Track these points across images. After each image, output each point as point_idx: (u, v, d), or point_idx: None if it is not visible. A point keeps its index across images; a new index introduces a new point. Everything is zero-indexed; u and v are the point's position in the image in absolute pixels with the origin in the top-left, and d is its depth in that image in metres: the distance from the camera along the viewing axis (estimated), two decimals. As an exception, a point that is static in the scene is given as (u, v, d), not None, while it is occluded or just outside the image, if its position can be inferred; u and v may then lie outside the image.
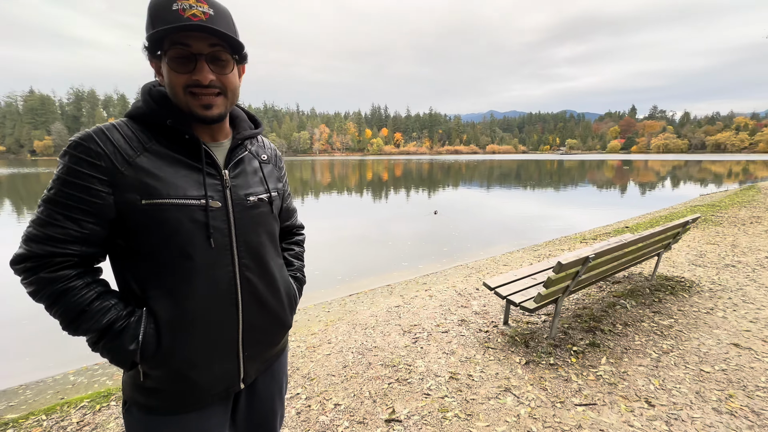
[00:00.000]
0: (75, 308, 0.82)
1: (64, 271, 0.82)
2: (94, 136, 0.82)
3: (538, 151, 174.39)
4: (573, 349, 2.81)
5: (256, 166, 1.06)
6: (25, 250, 0.81)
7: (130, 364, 0.87)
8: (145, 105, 0.89)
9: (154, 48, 0.85)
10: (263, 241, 1.03)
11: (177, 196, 0.86)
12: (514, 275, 3.28)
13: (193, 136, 0.89)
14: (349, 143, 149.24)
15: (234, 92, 0.92)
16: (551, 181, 25.06)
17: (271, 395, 1.16)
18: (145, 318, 0.87)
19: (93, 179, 0.81)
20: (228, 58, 0.88)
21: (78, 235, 0.82)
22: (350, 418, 2.18)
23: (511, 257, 6.28)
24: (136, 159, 0.84)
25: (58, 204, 0.81)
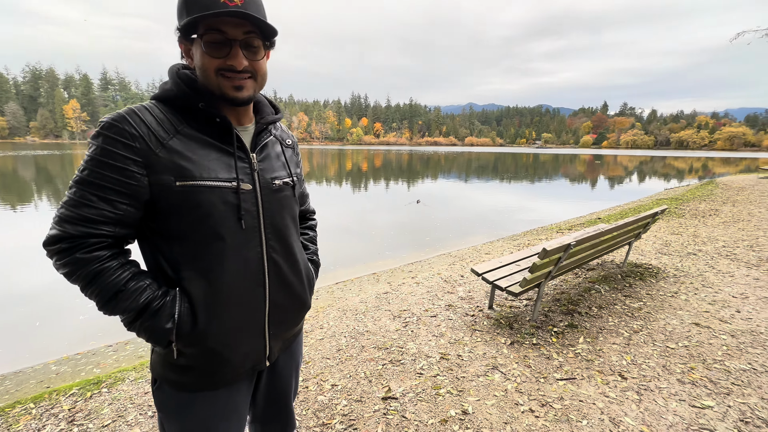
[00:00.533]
0: (112, 288, 0.83)
1: (99, 252, 0.83)
2: (127, 117, 0.83)
3: (515, 144, 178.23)
4: (553, 330, 3.00)
5: (279, 151, 1.08)
6: (59, 231, 0.81)
7: (166, 342, 0.90)
8: (176, 88, 0.90)
9: (189, 32, 0.86)
10: (288, 224, 1.06)
11: (210, 178, 0.88)
12: (499, 262, 3.44)
13: (225, 119, 0.91)
14: (329, 132, 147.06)
15: (263, 77, 0.94)
16: (527, 173, 25.80)
17: (290, 372, 1.21)
18: (179, 298, 0.89)
19: (128, 161, 0.82)
20: (260, 44, 0.90)
21: (113, 216, 0.83)
22: (348, 397, 2.26)
23: (492, 246, 6.50)
24: (169, 141, 0.86)
25: (91, 185, 0.81)
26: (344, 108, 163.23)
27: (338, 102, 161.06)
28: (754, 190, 11.90)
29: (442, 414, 2.09)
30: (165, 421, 1.00)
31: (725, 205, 9.02)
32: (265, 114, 1.07)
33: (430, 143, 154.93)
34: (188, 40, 0.89)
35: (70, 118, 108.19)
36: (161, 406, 0.99)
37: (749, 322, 3.09)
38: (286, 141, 1.15)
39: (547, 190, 16.72)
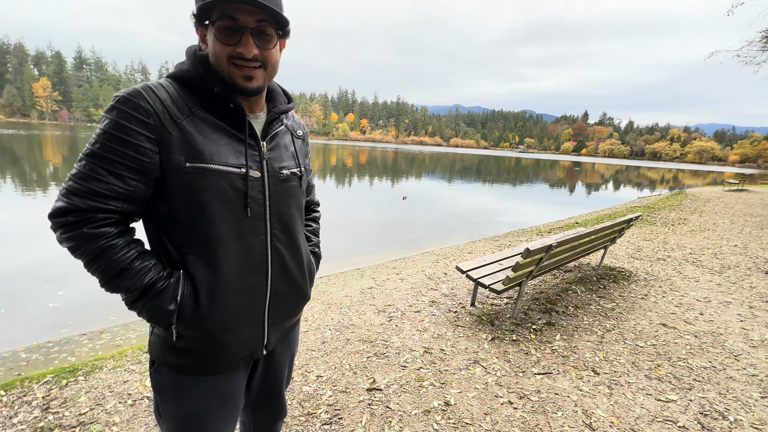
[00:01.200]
0: (117, 266, 0.83)
1: (107, 228, 0.82)
2: (143, 93, 0.82)
3: (498, 147, 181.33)
4: (532, 327, 3.12)
5: (288, 141, 1.09)
6: (67, 204, 0.79)
7: (167, 324, 0.90)
8: (193, 69, 0.89)
9: (203, 17, 0.86)
10: (293, 214, 1.07)
11: (219, 162, 0.88)
12: (483, 261, 3.53)
13: (239, 106, 0.91)
14: (314, 126, 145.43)
15: (274, 67, 0.95)
16: (509, 177, 26.38)
17: (285, 361, 1.22)
18: (183, 280, 0.90)
19: (141, 136, 0.81)
20: (272, 33, 0.90)
21: (122, 191, 0.82)
22: (333, 388, 2.29)
23: (475, 246, 6.64)
24: (182, 121, 0.86)
25: (102, 159, 0.80)
26: (331, 102, 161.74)
27: (325, 96, 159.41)
28: (720, 201, 12.60)
29: (425, 405, 2.15)
30: (161, 403, 1.00)
31: (693, 215, 9.52)
32: (277, 103, 1.07)
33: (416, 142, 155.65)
34: (203, 26, 0.89)
35: (39, 97, 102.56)
36: (158, 389, 0.99)
37: (711, 324, 3.30)
38: (297, 131, 1.15)
39: (528, 194, 17.16)
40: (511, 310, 3.46)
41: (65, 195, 0.80)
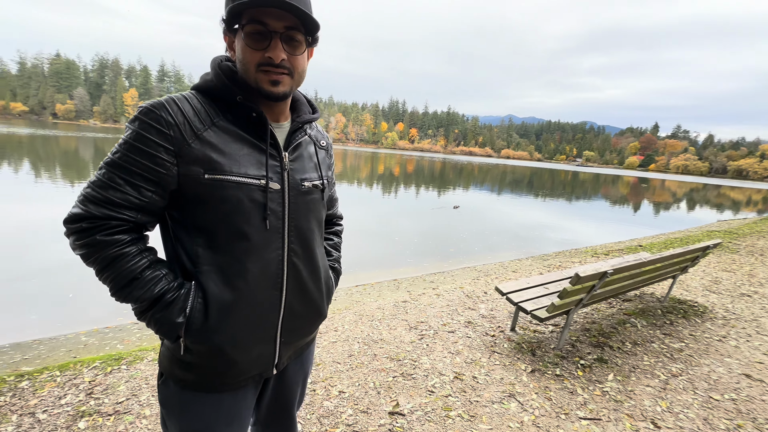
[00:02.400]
0: (128, 275, 0.82)
1: (119, 236, 0.82)
2: (166, 105, 0.82)
3: (553, 160, 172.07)
4: (580, 362, 2.79)
5: (312, 152, 1.05)
6: (82, 210, 0.80)
7: (174, 337, 0.87)
8: (216, 79, 0.88)
9: (232, 22, 0.84)
10: (312, 228, 1.02)
11: (239, 173, 0.86)
12: (526, 282, 3.26)
13: (261, 115, 0.88)
14: (364, 135, 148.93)
15: (301, 74, 0.91)
16: (564, 191, 24.78)
17: (297, 382, 1.16)
18: (194, 292, 0.87)
19: (160, 148, 0.80)
20: (301, 39, 0.87)
21: (137, 202, 0.82)
22: (354, 407, 2.20)
23: (520, 264, 6.23)
24: (203, 132, 0.84)
25: (121, 168, 0.80)
26: (382, 112, 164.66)
27: (376, 106, 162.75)
28: (825, 230, 10.69)
29: (451, 438, 1.98)
30: (166, 417, 0.98)
31: (789, 245, 8.16)
32: (302, 113, 1.03)
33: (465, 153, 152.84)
34: (231, 32, 0.87)
35: (128, 105, 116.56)
36: (164, 402, 0.97)
37: (812, 380, 2.72)
38: (320, 142, 1.11)
39: (585, 210, 15.95)
40: (556, 339, 3.14)
41: (82, 202, 0.81)
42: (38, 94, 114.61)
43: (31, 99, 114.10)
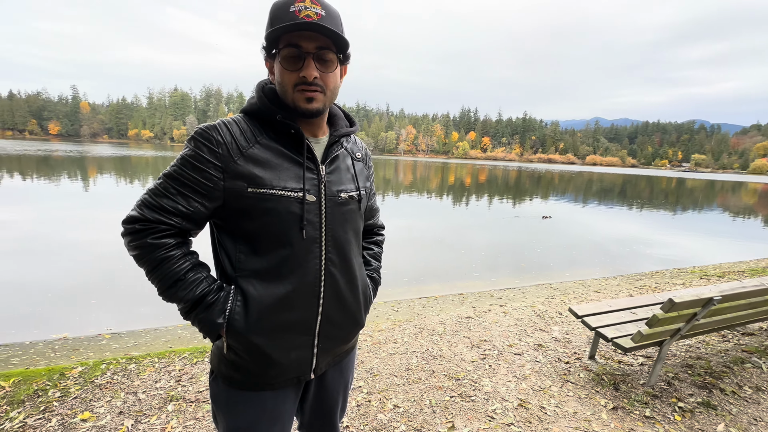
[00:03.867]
0: (173, 276, 0.91)
1: (166, 239, 0.92)
2: (217, 126, 0.93)
3: (651, 165, 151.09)
4: (678, 404, 2.35)
5: (349, 164, 1.09)
6: (138, 213, 0.91)
7: (216, 336, 0.96)
8: (259, 101, 0.97)
9: (271, 47, 0.93)
10: (349, 238, 1.05)
11: (279, 187, 0.92)
12: (608, 305, 2.88)
13: (299, 131, 0.95)
14: (434, 145, 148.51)
15: (333, 91, 0.97)
16: (666, 201, 21.50)
17: (337, 389, 1.18)
18: (233, 295, 0.94)
19: (210, 164, 0.90)
20: (333, 57, 0.92)
21: (183, 210, 0.92)
22: (408, 423, 2.15)
23: (605, 284, 5.54)
24: (248, 150, 0.93)
25: (175, 180, 0.91)
26: (452, 121, 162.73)
27: (447, 116, 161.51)
28: None
29: (511, 472, 1.81)
30: (216, 412, 1.07)
31: None
32: (339, 127, 1.09)
33: (543, 160, 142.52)
34: (271, 57, 0.96)
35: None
36: (214, 398, 1.06)
37: None
38: (356, 154, 1.15)
39: (693, 223, 13.62)
40: (646, 374, 2.70)
41: (139, 206, 0.93)
42: (161, 122, 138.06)
43: (156, 126, 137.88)
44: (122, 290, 4.89)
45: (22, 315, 4.07)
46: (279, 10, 0.89)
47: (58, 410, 2.15)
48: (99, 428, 2.02)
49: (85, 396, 2.30)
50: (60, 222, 8.61)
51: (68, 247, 6.67)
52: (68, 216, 9.30)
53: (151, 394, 2.35)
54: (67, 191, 13.47)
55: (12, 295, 4.55)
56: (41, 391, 2.32)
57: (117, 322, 3.96)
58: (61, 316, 4.12)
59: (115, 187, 15.59)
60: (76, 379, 2.47)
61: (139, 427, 2.04)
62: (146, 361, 2.78)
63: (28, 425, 2.01)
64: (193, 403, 2.29)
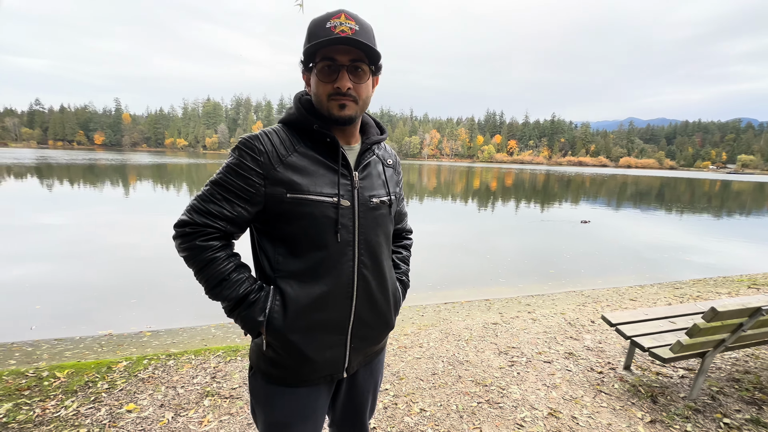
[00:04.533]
0: (218, 276, 0.98)
1: (212, 242, 0.99)
2: (259, 136, 0.99)
3: (693, 167, 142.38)
4: (723, 420, 2.21)
5: (380, 170, 1.14)
6: (187, 217, 0.99)
7: (256, 333, 1.02)
8: (297, 112, 1.04)
9: (308, 61, 0.99)
10: (380, 242, 1.09)
11: (315, 192, 0.98)
12: (645, 314, 2.76)
13: (334, 140, 1.00)
14: (459, 149, 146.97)
15: (365, 101, 1.02)
16: (709, 205, 20.20)
17: (368, 389, 1.22)
18: (272, 294, 1.00)
19: (252, 171, 0.97)
20: (365, 69, 0.98)
21: (228, 215, 0.99)
22: (434, 427, 2.15)
23: (642, 292, 5.29)
24: (287, 158, 0.99)
25: (221, 186, 0.98)
26: (477, 125, 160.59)
27: (471, 119, 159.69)
28: None
29: (541, 482, 1.78)
30: (255, 406, 1.13)
31: None
32: (370, 135, 1.14)
33: (573, 163, 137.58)
34: (308, 70, 1.02)
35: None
36: (253, 393, 1.12)
37: None
38: (387, 160, 1.20)
39: (741, 228, 12.72)
40: (687, 387, 2.56)
41: (189, 211, 1.00)
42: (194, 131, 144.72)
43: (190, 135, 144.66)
44: (159, 291, 5.17)
45: (71, 312, 4.39)
46: (316, 27, 0.95)
47: (106, 401, 2.31)
48: (143, 419, 2.15)
49: (129, 389, 2.46)
50: (103, 226, 9.21)
51: (109, 249, 7.13)
52: (110, 221, 9.93)
53: (189, 389, 2.48)
54: (110, 197, 14.39)
55: (62, 294, 4.92)
56: (91, 383, 2.50)
57: (155, 321, 4.18)
58: (105, 314, 4.40)
59: (152, 193, 16.49)
60: (122, 373, 2.64)
61: (179, 420, 2.16)
62: (184, 357, 2.93)
63: (81, 413, 2.18)
64: (228, 399, 2.39)
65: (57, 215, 10.16)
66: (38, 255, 6.56)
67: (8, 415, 2.11)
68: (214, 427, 2.10)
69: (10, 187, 16.40)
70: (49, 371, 2.62)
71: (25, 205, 11.98)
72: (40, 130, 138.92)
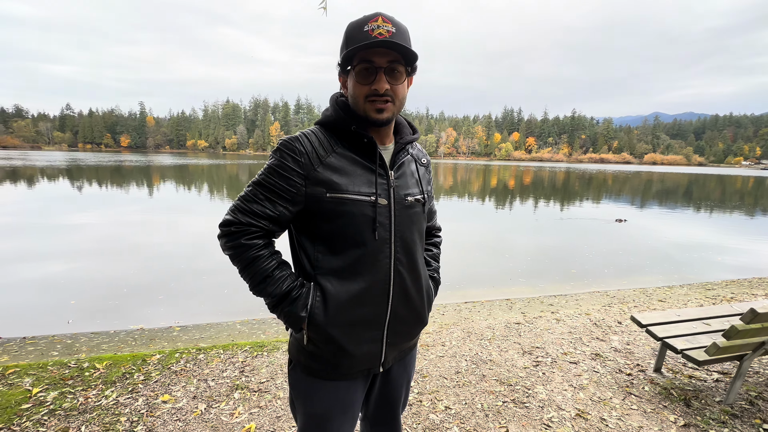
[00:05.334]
0: (263, 273, 1.02)
1: (256, 240, 1.03)
2: (299, 138, 1.03)
3: (723, 163, 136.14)
4: (763, 426, 2.13)
5: (413, 169, 1.16)
6: (232, 217, 1.03)
7: (299, 328, 1.05)
8: (334, 113, 1.06)
9: (346, 65, 1.02)
10: (415, 239, 1.12)
11: (354, 192, 1.01)
12: (677, 315, 2.68)
13: (372, 140, 1.03)
14: (476, 147, 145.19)
15: (401, 101, 1.04)
16: (742, 203, 19.28)
17: (401, 383, 1.25)
18: (313, 291, 1.03)
19: (293, 172, 1.00)
20: (402, 70, 1.00)
21: (270, 214, 1.02)
22: (460, 425, 2.15)
23: (671, 293, 5.11)
24: (326, 159, 1.02)
25: (263, 187, 1.02)
26: (495, 123, 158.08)
27: (488, 117, 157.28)
28: None
29: (571, 483, 1.76)
30: (295, 399, 1.17)
31: None
32: (404, 134, 1.16)
33: (595, 160, 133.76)
34: (345, 73, 1.05)
35: (273, 136, 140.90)
36: (293, 385, 1.16)
37: None
38: (421, 159, 1.22)
39: (775, 228, 12.10)
40: (723, 391, 2.47)
41: (233, 211, 1.05)
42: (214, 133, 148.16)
43: (210, 137, 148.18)
44: (182, 287, 5.34)
45: (103, 307, 4.59)
46: (354, 31, 0.97)
47: (142, 391, 2.42)
48: (177, 410, 2.25)
49: (163, 380, 2.56)
50: (128, 225, 9.59)
51: (136, 247, 7.42)
52: (135, 220, 10.32)
53: (219, 382, 2.56)
54: (136, 197, 14.94)
55: (94, 290, 5.15)
56: (128, 374, 2.62)
57: (181, 317, 4.33)
58: (135, 309, 4.59)
59: (174, 194, 17.02)
60: (156, 365, 2.76)
61: (211, 411, 2.24)
62: (213, 352, 3.03)
63: (120, 403, 2.29)
64: (256, 392, 2.46)
65: (87, 214, 10.63)
66: (71, 252, 6.91)
67: (55, 403, 2.25)
68: (244, 419, 2.17)
69: (45, 188, 17.25)
70: (89, 362, 2.76)
71: (58, 204, 12.60)
72: (70, 134, 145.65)
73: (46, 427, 2.04)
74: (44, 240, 7.74)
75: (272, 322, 4.14)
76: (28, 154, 66.55)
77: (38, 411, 2.16)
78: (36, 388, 2.39)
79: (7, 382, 2.46)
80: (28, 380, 2.49)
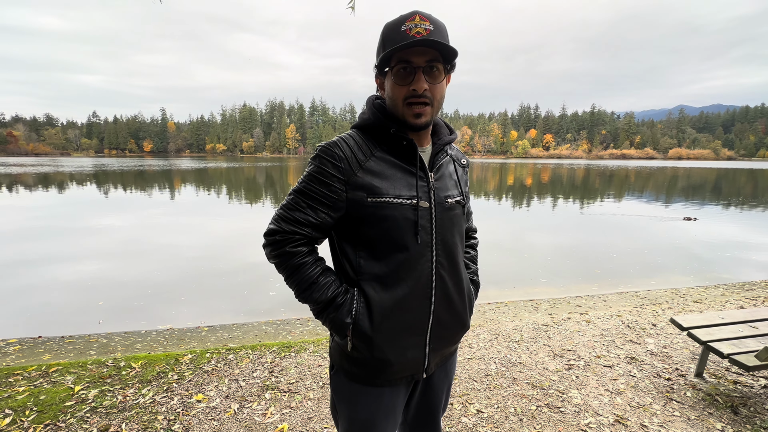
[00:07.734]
0: (308, 280, 1.01)
1: (300, 248, 1.02)
2: (338, 143, 1.01)
3: (755, 157, 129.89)
4: (821, 436, 2.00)
5: (452, 170, 1.13)
6: (276, 226, 1.03)
7: (344, 334, 1.03)
8: (372, 116, 1.04)
9: (383, 66, 0.99)
10: (456, 242, 1.09)
11: (395, 195, 0.99)
12: (720, 317, 2.55)
13: (411, 143, 1.00)
14: (491, 145, 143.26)
15: (440, 102, 1.01)
16: (777, 198, 18.32)
17: (442, 389, 1.22)
18: (357, 297, 1.02)
19: (334, 178, 0.99)
20: (440, 69, 0.96)
21: (313, 221, 1.02)
22: (494, 429, 2.11)
23: (706, 294, 4.90)
24: (366, 163, 1.01)
25: (305, 194, 1.01)
26: (511, 120, 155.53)
27: (504, 114, 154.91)
28: None
29: (614, 492, 1.69)
30: (337, 403, 1.16)
31: None
32: (441, 135, 1.13)
33: (616, 156, 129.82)
34: (382, 74, 1.03)
35: (288, 138, 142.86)
36: (336, 390, 1.14)
37: None
38: (461, 160, 1.20)
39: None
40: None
41: (276, 220, 1.05)
42: (232, 136, 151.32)
43: (228, 140, 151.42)
44: (205, 288, 5.45)
45: (130, 307, 4.73)
46: (391, 31, 0.95)
47: (177, 390, 2.48)
48: (211, 409, 2.29)
49: (196, 380, 2.61)
50: (151, 228, 9.88)
51: (158, 249, 7.63)
52: (157, 223, 10.63)
53: (250, 382, 2.60)
54: (159, 200, 15.39)
55: (120, 290, 5.31)
56: (162, 373, 2.68)
57: (206, 317, 4.42)
58: (161, 309, 4.71)
59: (194, 197, 17.44)
60: (188, 365, 2.82)
61: (244, 411, 2.27)
62: (242, 352, 3.07)
63: (157, 401, 2.34)
64: (287, 393, 2.48)
65: (113, 218, 11.02)
66: (97, 254, 7.17)
67: (96, 400, 2.32)
68: (277, 420, 2.19)
69: (73, 193, 17.99)
70: (125, 362, 2.85)
71: (85, 208, 13.11)
72: (97, 140, 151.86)
73: (89, 424, 2.11)
74: (71, 242, 8.08)
75: (296, 322, 4.17)
76: (58, 161, 69.74)
77: (81, 408, 2.24)
78: (78, 385, 2.49)
79: (51, 380, 2.56)
80: (70, 378, 2.58)
